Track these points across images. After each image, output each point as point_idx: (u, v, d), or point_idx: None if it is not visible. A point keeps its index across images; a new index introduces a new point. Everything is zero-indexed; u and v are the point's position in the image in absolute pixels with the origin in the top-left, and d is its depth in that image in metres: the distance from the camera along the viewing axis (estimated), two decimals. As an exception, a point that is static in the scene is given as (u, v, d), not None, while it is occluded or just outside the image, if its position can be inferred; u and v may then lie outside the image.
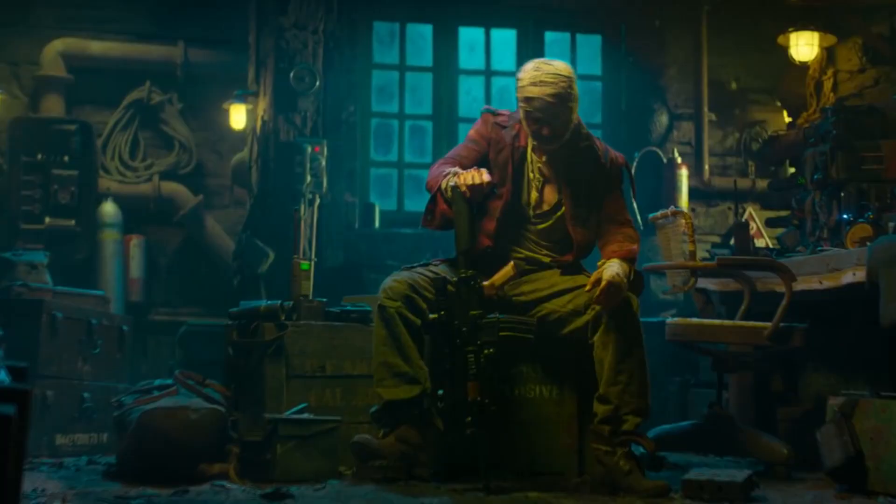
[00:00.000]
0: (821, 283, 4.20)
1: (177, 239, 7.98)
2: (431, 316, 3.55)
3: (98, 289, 7.09)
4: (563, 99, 3.60)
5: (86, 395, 5.55)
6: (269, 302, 4.33)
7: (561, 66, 3.70)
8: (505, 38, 7.98)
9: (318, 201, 6.68)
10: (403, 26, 7.79)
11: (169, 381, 4.52)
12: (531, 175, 3.80)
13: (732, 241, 5.16)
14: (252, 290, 6.67)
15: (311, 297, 4.46)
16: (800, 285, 4.21)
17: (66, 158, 7.31)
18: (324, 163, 6.65)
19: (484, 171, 3.62)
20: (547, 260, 3.86)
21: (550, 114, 3.62)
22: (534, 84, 3.57)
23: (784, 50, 7.15)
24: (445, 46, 7.78)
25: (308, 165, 6.61)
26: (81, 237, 7.41)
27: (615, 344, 3.64)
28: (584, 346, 3.78)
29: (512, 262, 3.64)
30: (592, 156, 3.84)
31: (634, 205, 4.24)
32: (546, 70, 3.60)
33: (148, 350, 7.77)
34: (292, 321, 4.30)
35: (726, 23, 7.89)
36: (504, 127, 3.85)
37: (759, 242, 6.65)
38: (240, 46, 7.40)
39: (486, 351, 3.49)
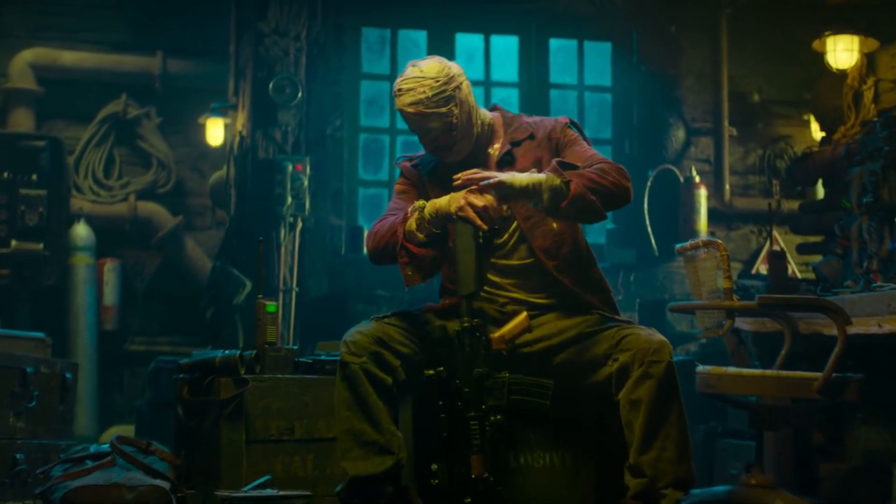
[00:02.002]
0: (880, 326, 3.84)
1: (155, 263, 7.88)
2: (427, 372, 3.11)
3: (69, 317, 7.14)
4: (430, 104, 3.21)
5: (19, 455, 4.91)
6: (226, 352, 3.86)
7: (427, 64, 3.29)
8: (506, 46, 7.85)
9: (300, 225, 6.58)
10: (395, 32, 7.68)
11: (106, 448, 3.98)
12: None
13: (764, 271, 4.89)
14: (227, 323, 6.58)
15: (278, 345, 4.00)
16: (854, 328, 3.86)
17: (34, 177, 7.15)
18: (306, 182, 6.51)
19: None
20: (540, 300, 3.34)
21: (420, 125, 3.26)
22: (396, 95, 3.25)
23: (814, 57, 6.83)
24: (441, 54, 7.01)
25: (289, 185, 6.46)
26: (51, 262, 7.21)
27: (648, 401, 3.10)
28: (606, 403, 3.27)
29: (524, 312, 3.19)
30: (523, 137, 3.39)
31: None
32: (407, 75, 3.25)
33: (123, 384, 7.74)
34: (255, 374, 3.83)
35: (749, 28, 7.84)
36: (419, 165, 3.50)
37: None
38: (222, 57, 7.34)
39: (492, 418, 3.09)
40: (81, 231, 7.46)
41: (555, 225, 3.28)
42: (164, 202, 7.79)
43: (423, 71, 3.24)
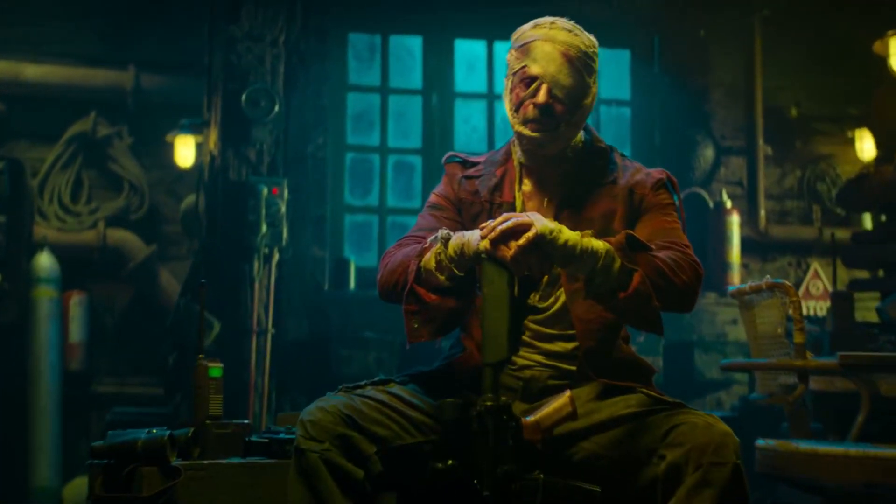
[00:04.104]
0: None
1: (126, 296, 7.57)
2: (437, 465, 2.55)
3: (30, 356, 6.96)
4: (580, 58, 2.77)
5: None
6: (152, 431, 3.22)
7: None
8: None
9: (276, 257, 6.36)
10: (386, 39, 7.43)
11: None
12: None
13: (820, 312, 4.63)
14: (192, 370, 6.03)
15: (222, 419, 3.37)
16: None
17: (-8, 202, 6.99)
18: (284, 208, 6.28)
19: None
20: (569, 365, 2.80)
21: (555, 70, 2.75)
22: (538, 27, 2.80)
23: (863, 66, 6.80)
24: (438, 63, 7.48)
25: (263, 212, 6.23)
26: (9, 296, 7.01)
27: None
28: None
29: (568, 392, 2.62)
30: (605, 180, 2.89)
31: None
32: (562, 22, 2.82)
33: (90, 430, 7.32)
34: (192, 460, 3.19)
35: (786, 33, 7.57)
36: (478, 177, 2.94)
37: (826, 306, 6.75)
38: (200, 70, 6.98)
39: (520, 535, 2.53)
40: (45, 261, 7.16)
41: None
42: (137, 230, 7.52)
43: (582, 29, 2.86)
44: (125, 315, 7.55)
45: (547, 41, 2.75)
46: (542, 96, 2.76)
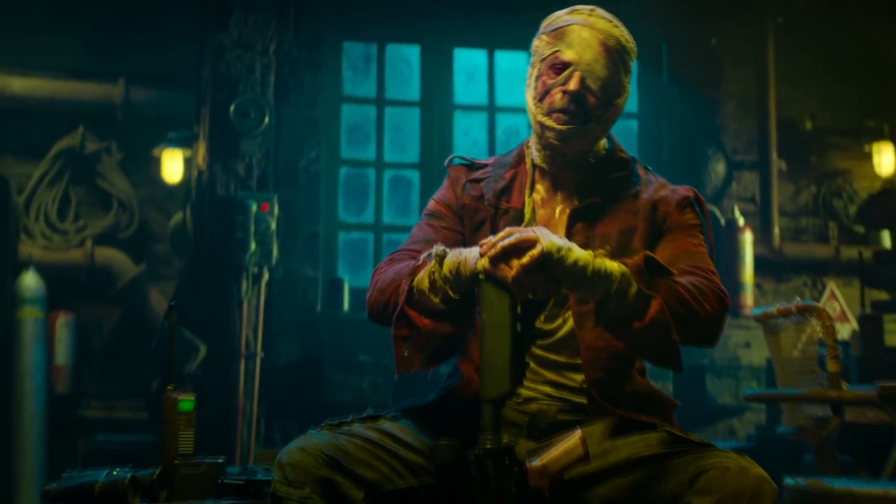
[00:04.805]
0: None
1: (114, 317, 7.47)
2: None
3: (14, 379, 6.88)
4: (618, 51, 2.61)
5: None
6: (114, 472, 3.04)
7: None
8: (513, 64, 7.57)
9: (266, 276, 6.29)
10: (382, 48, 7.38)
11: None
12: None
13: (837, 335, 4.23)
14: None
15: (193, 457, 3.21)
16: None
17: (-26, 221, 6.94)
18: (274, 225, 6.21)
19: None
20: (581, 398, 2.57)
21: (592, 58, 2.58)
22: (575, 12, 2.63)
23: (883, 76, 6.94)
24: (437, 73, 7.43)
25: (252, 228, 6.16)
26: None
27: None
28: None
29: (579, 434, 2.40)
30: (626, 193, 2.68)
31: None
32: (602, 11, 2.67)
33: (77, 455, 7.20)
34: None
35: (801, 41, 7.53)
36: (483, 180, 2.72)
37: (845, 328, 6.69)
38: (192, 83, 6.94)
39: None
40: (30, 281, 7.07)
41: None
42: (126, 248, 7.47)
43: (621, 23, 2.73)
44: (113, 337, 7.46)
45: (585, 27, 2.58)
46: (574, 84, 2.55)
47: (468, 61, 7.54)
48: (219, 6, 6.40)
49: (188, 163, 7.01)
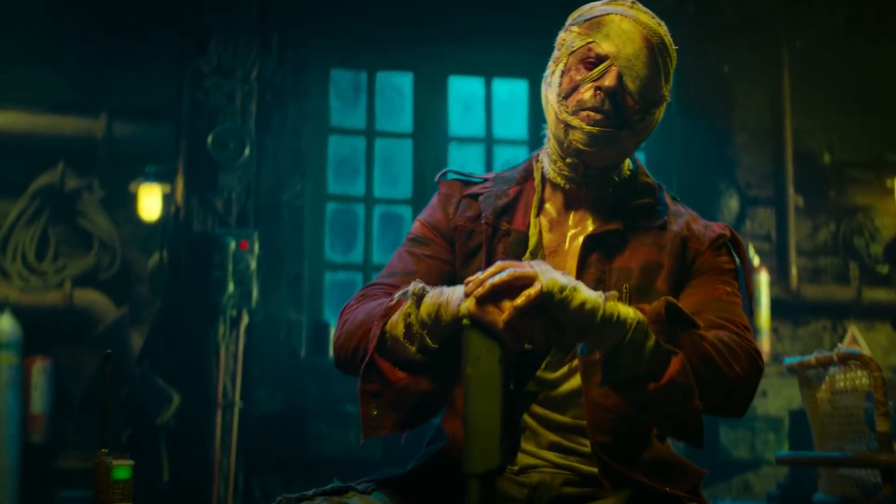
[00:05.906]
0: None
1: (93, 362, 7.43)
2: None
3: None
4: (661, 53, 2.28)
5: None
6: None
7: None
8: (512, 92, 7.59)
9: (245, 320, 6.27)
10: (372, 76, 7.33)
11: None
12: None
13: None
14: (149, 448, 6.23)
15: None
16: None
17: (-53, 261, 7.16)
18: (254, 264, 6.20)
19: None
20: (590, 466, 2.25)
21: (632, 53, 2.26)
22: (614, 2, 2.33)
23: None
24: (430, 103, 7.37)
25: (231, 268, 6.14)
26: None
27: None
28: None
29: None
30: (651, 223, 2.36)
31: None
32: (643, 7, 2.41)
33: None
34: None
35: (817, 68, 7.46)
36: (482, 195, 2.36)
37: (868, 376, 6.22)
38: (174, 115, 7.15)
39: None
40: (5, 324, 7.12)
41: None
42: (107, 290, 7.48)
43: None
44: (93, 383, 7.43)
45: (627, 18, 2.26)
46: (610, 79, 2.21)
47: (464, 90, 7.51)
48: (197, 30, 6.48)
49: (168, 199, 7.00)
